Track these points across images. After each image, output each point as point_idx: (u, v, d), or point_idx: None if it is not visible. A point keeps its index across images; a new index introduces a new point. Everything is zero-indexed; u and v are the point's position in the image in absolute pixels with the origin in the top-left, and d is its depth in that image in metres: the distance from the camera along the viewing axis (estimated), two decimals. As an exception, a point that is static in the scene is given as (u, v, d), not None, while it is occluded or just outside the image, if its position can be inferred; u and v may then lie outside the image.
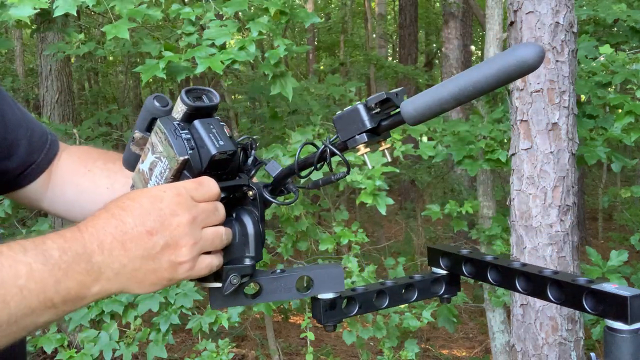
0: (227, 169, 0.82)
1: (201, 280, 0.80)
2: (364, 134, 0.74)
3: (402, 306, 3.38)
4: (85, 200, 1.06)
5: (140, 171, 0.85)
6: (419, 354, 3.65)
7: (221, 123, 0.81)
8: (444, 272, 0.97)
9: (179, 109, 0.80)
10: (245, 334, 6.00)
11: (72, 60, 7.82)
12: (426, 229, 7.16)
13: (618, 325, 0.71)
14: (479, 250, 4.04)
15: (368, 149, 0.76)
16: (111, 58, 10.28)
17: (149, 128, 0.84)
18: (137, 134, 0.85)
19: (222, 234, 0.76)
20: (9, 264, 0.65)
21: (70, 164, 1.11)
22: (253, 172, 0.84)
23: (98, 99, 9.18)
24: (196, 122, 0.79)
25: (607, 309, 0.73)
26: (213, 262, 0.75)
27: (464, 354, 6.20)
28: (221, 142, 0.78)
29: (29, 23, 2.82)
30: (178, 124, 0.79)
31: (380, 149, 0.77)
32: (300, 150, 0.81)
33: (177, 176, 0.79)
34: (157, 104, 0.83)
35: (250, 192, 0.82)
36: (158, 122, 0.80)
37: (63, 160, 1.11)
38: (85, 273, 0.69)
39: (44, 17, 3.41)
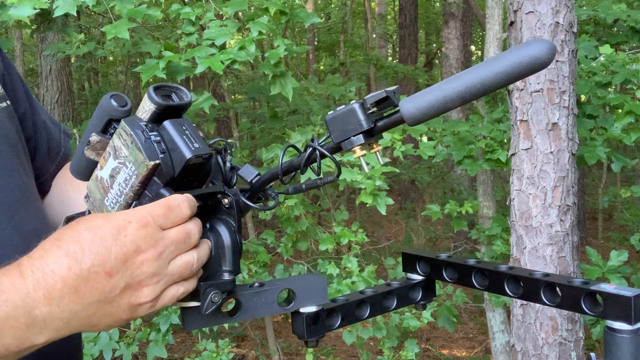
0: (201, 175, 0.74)
1: None
2: (361, 135, 0.69)
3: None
4: (69, 211, 0.97)
5: (99, 179, 0.75)
6: (419, 354, 3.65)
7: (193, 125, 0.73)
8: (420, 278, 0.93)
9: (146, 108, 0.71)
10: (245, 334, 6.00)
11: (72, 60, 7.82)
12: (426, 229, 7.17)
13: (619, 325, 0.71)
14: (478, 250, 4.04)
15: (364, 152, 0.71)
16: (111, 58, 10.28)
17: (104, 130, 0.75)
18: (94, 137, 0.74)
19: (192, 264, 0.67)
20: None
21: (63, 172, 1.03)
22: (233, 179, 0.77)
23: (98, 99, 9.16)
24: (166, 123, 0.71)
25: (608, 309, 0.72)
26: (178, 291, 0.67)
27: (464, 354, 6.20)
28: (196, 145, 0.70)
29: (29, 23, 2.82)
30: (146, 125, 0.70)
31: (372, 151, 0.73)
32: (283, 155, 0.74)
33: (146, 183, 0.70)
34: (114, 103, 0.73)
35: (226, 200, 0.74)
36: (122, 122, 0.70)
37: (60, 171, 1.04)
38: (26, 328, 0.60)
39: (44, 17, 3.41)
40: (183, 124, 0.71)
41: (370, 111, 0.69)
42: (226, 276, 0.72)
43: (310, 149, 0.73)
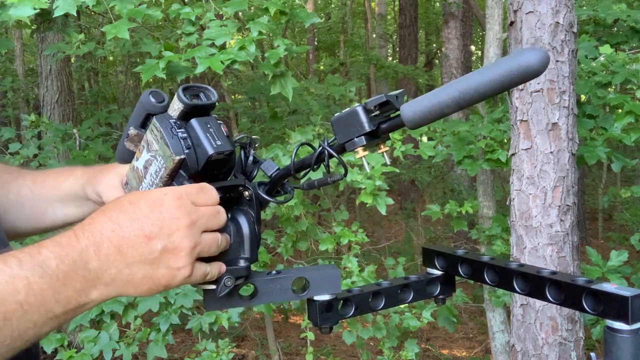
0: (224, 169, 0.80)
1: None
2: (363, 137, 0.73)
3: (402, 306, 3.38)
4: None
5: (135, 169, 0.83)
6: (419, 354, 3.65)
7: (219, 122, 0.79)
8: (439, 272, 0.96)
9: (176, 107, 0.78)
10: (245, 334, 6.00)
11: (72, 60, 7.82)
12: (426, 229, 7.16)
13: (618, 325, 0.71)
14: (477, 250, 4.04)
15: (367, 152, 0.74)
16: (111, 58, 10.28)
17: (143, 124, 0.83)
18: (132, 131, 0.83)
19: (218, 240, 0.74)
20: (5, 279, 0.63)
21: None
22: (254, 173, 0.83)
23: (98, 99, 9.17)
24: (193, 121, 0.77)
25: (607, 309, 0.72)
26: (206, 270, 0.74)
27: (464, 354, 6.20)
28: (218, 142, 0.76)
29: (29, 23, 2.82)
30: (174, 122, 0.77)
31: (379, 151, 0.76)
32: (295, 152, 0.79)
33: (173, 175, 0.77)
34: (152, 99, 0.81)
35: (246, 193, 0.80)
36: (154, 119, 0.78)
37: None
38: (84, 280, 0.68)
39: (44, 17, 3.41)
40: (208, 122, 0.78)
41: (373, 114, 0.72)
42: (242, 263, 0.79)
43: (320, 148, 0.77)
